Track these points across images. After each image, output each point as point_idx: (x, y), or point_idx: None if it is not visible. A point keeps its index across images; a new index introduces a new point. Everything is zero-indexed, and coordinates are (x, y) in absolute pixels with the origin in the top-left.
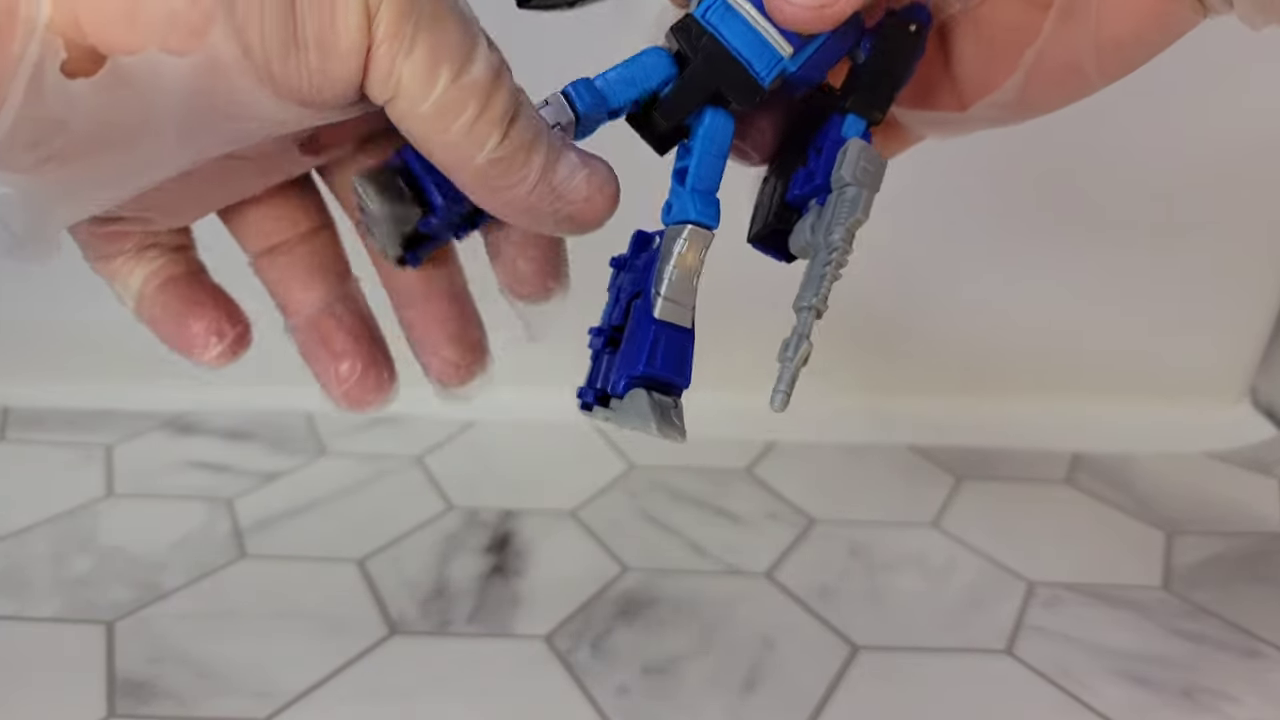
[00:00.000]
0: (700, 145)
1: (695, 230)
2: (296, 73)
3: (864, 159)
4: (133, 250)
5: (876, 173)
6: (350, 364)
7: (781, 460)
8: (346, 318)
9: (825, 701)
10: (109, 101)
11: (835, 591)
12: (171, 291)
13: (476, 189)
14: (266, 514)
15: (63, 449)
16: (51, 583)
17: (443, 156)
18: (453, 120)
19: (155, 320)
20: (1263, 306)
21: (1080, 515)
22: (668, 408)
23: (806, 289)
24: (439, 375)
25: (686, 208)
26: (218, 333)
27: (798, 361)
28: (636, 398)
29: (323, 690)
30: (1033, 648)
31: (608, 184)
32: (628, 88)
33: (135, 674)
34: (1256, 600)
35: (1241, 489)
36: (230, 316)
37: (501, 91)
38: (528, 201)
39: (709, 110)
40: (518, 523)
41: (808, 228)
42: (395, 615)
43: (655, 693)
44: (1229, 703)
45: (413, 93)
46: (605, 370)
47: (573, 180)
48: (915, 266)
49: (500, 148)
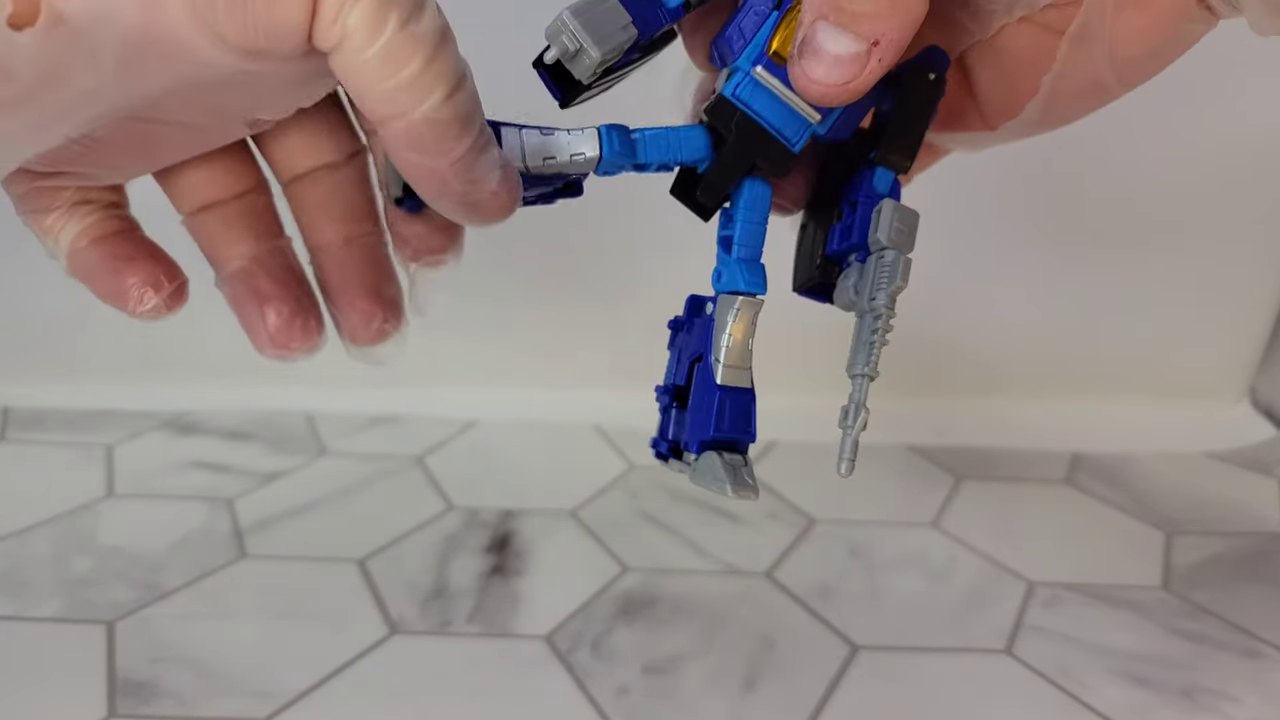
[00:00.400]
0: (743, 215)
1: (746, 300)
2: (243, 19)
3: (897, 219)
4: (65, 206)
5: (910, 231)
6: (276, 308)
7: (781, 460)
8: (275, 268)
9: (825, 701)
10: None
11: (835, 591)
12: (105, 247)
13: (403, 146)
14: (266, 514)
15: (63, 449)
16: (52, 583)
17: (380, 107)
18: (397, 69)
19: (89, 275)
20: (1263, 307)
21: (1080, 515)
22: (738, 466)
23: (857, 356)
24: (352, 330)
25: (736, 278)
26: (153, 285)
27: (858, 429)
28: (709, 460)
29: (323, 690)
30: (1032, 647)
31: (515, 187)
32: (660, 150)
33: (135, 674)
34: (1256, 600)
35: (1241, 489)
36: (167, 270)
37: (448, 51)
38: (445, 173)
39: (747, 181)
40: (518, 523)
41: (850, 288)
42: (395, 615)
43: (655, 693)
44: (1229, 703)
45: (359, 38)
46: (675, 424)
47: (491, 171)
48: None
49: (441, 108)
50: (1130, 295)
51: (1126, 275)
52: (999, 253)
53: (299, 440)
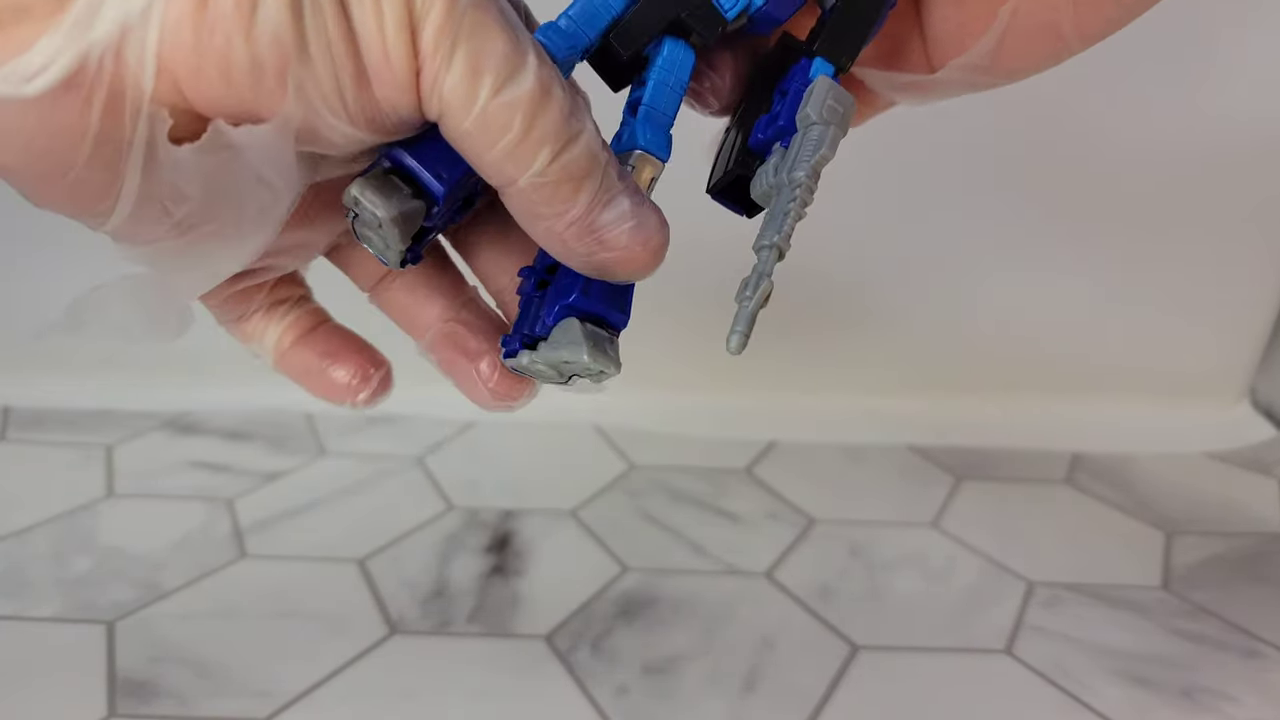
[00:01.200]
0: (656, 74)
1: (643, 158)
2: (370, 104)
3: (831, 97)
4: (263, 309)
5: (845, 112)
6: (490, 361)
7: (781, 460)
8: (473, 322)
9: (825, 701)
10: (215, 162)
11: (835, 591)
12: (308, 345)
13: (518, 211)
14: (266, 514)
15: (63, 449)
16: (52, 583)
17: (490, 175)
18: (497, 138)
19: (298, 374)
20: (1262, 307)
21: (1080, 515)
22: (603, 339)
23: (768, 227)
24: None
25: (635, 136)
26: (363, 377)
27: (757, 300)
28: (569, 326)
29: (323, 690)
30: (1032, 648)
31: (653, 238)
32: (593, 22)
33: (135, 674)
34: (1256, 600)
35: (1241, 489)
36: (372, 360)
37: (551, 110)
38: (563, 235)
39: (668, 40)
40: (518, 523)
41: (770, 169)
42: (395, 615)
43: (655, 693)
44: (1228, 703)
45: (455, 108)
46: (535, 313)
47: (617, 228)
48: (915, 267)
49: (546, 172)
50: (1130, 295)
51: (1126, 275)
52: (999, 253)
53: (299, 440)
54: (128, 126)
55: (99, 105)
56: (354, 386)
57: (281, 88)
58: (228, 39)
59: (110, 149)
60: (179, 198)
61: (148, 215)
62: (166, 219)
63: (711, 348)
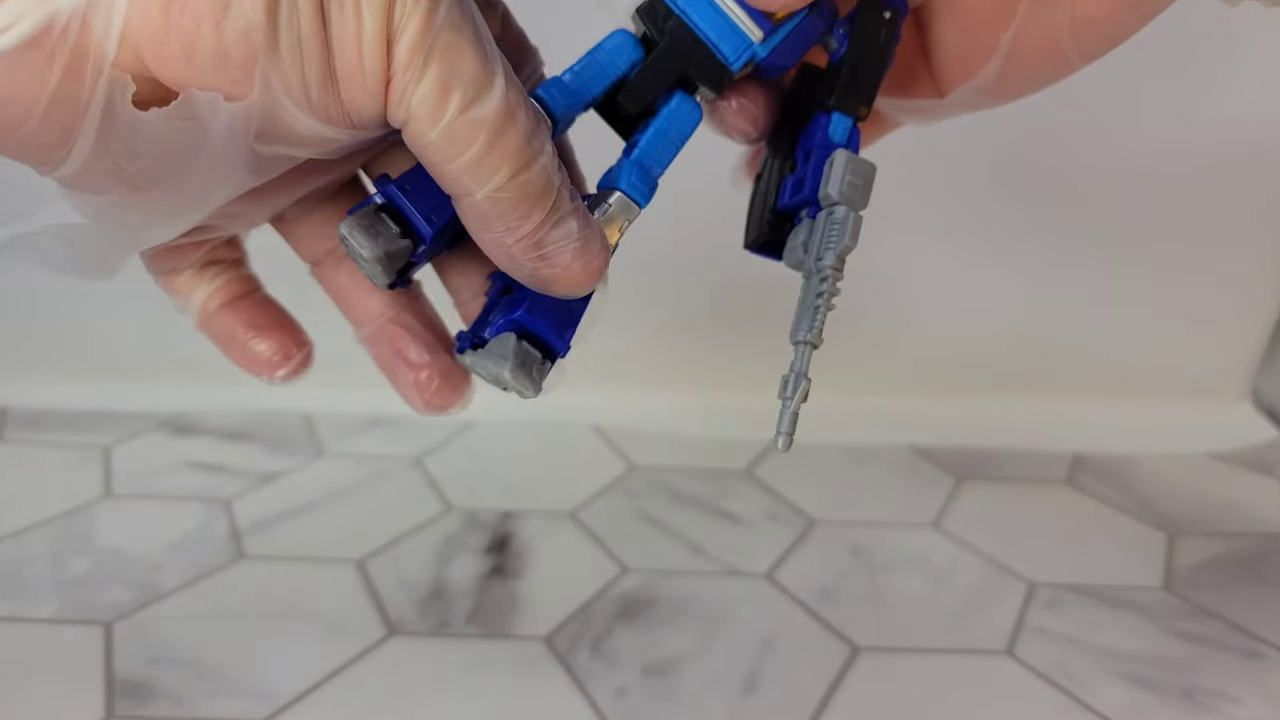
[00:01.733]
0: (657, 124)
1: (620, 199)
2: (335, 104)
3: (850, 172)
4: (195, 267)
5: (864, 186)
6: (428, 375)
7: (781, 460)
8: (415, 325)
9: (825, 702)
10: (176, 129)
11: (835, 592)
12: (235, 312)
13: (469, 220)
14: (265, 515)
15: (61, 449)
16: (49, 583)
17: (447, 184)
18: (459, 152)
19: (220, 338)
20: (1263, 307)
21: (1081, 515)
22: (531, 360)
23: (801, 321)
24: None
25: (618, 177)
26: (284, 354)
27: (797, 400)
28: (504, 341)
29: (322, 690)
30: (1033, 648)
31: (594, 260)
32: (598, 78)
33: (134, 675)
34: (1257, 601)
35: (1242, 490)
36: (294, 338)
37: (514, 132)
38: (510, 249)
39: (677, 94)
40: (517, 523)
41: (800, 246)
42: (394, 616)
43: (655, 693)
44: (1230, 704)
45: (421, 120)
46: (486, 319)
47: (563, 246)
48: (915, 267)
49: (503, 189)
50: (1130, 295)
51: (1127, 275)
52: (999, 253)
53: (297, 441)
54: (86, 88)
55: (59, 67)
56: (274, 362)
57: (246, 78)
58: (196, 24)
59: (67, 108)
60: (132, 155)
61: (99, 168)
62: (118, 173)
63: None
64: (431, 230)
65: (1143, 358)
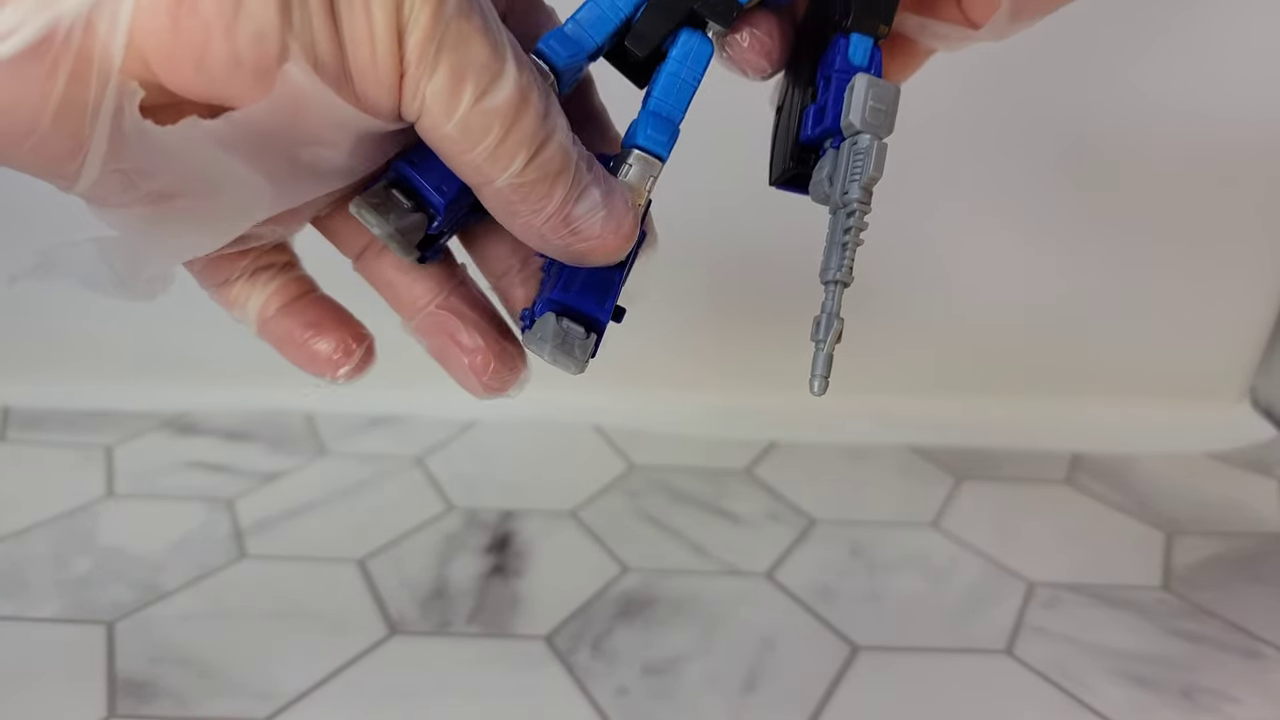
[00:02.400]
0: (669, 69)
1: (639, 158)
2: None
3: (871, 98)
4: (246, 275)
5: (888, 111)
6: (484, 356)
7: (781, 460)
8: (465, 309)
9: (825, 701)
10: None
11: (835, 591)
12: (292, 314)
13: (494, 208)
14: (266, 514)
15: (63, 449)
16: (52, 583)
17: (467, 175)
18: (476, 142)
19: (279, 342)
20: (1263, 307)
21: (1080, 515)
22: (574, 337)
23: (830, 259)
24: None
25: (636, 132)
26: (345, 351)
27: (831, 341)
28: (546, 321)
29: (323, 690)
30: (1033, 648)
31: (624, 224)
32: (601, 25)
33: (135, 674)
34: (1256, 600)
35: (1241, 489)
36: (354, 334)
37: (528, 116)
38: (540, 229)
39: (685, 32)
40: (518, 523)
41: (825, 179)
42: (395, 615)
43: (655, 693)
44: (1229, 703)
45: (436, 114)
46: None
47: (590, 218)
48: (915, 267)
49: (523, 173)
50: (1130, 295)
51: (1127, 276)
52: (998, 253)
53: (299, 440)
54: (94, 95)
55: (65, 73)
56: (335, 360)
57: (259, 84)
58: (206, 31)
59: (75, 116)
60: (145, 173)
61: (115, 183)
62: (134, 189)
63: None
64: (443, 200)
65: (1142, 358)
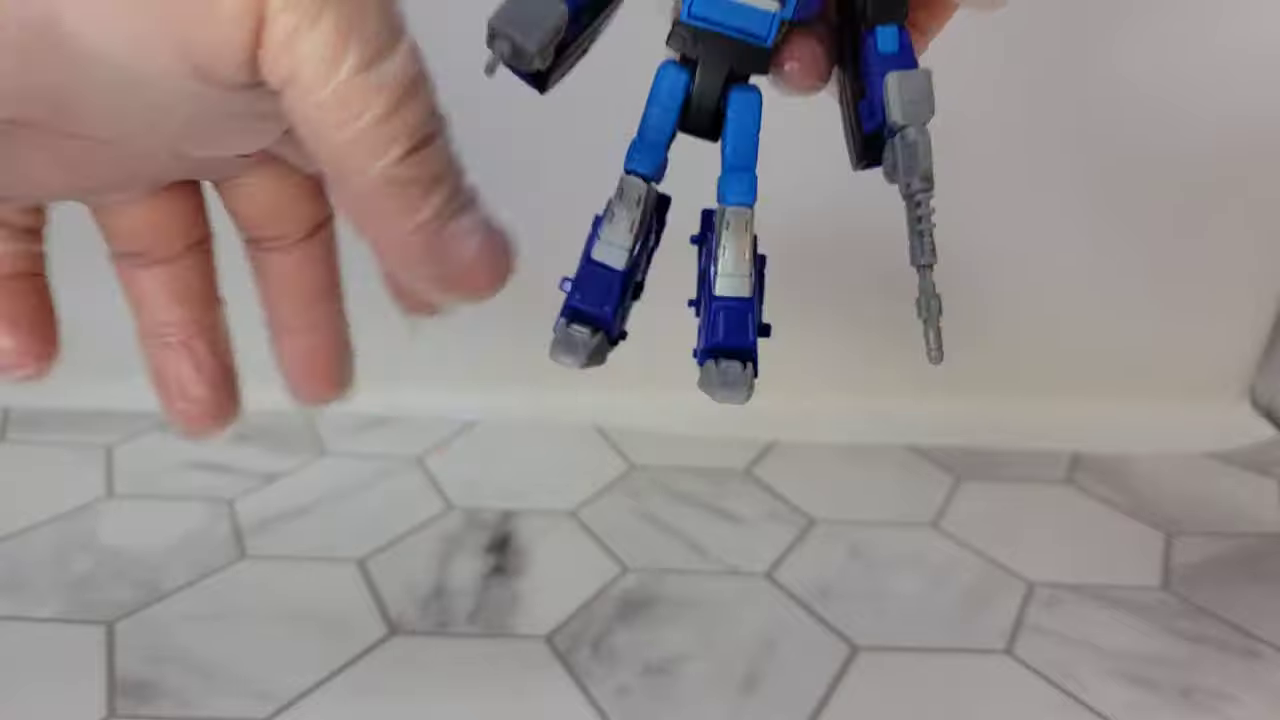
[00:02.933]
0: (730, 126)
1: (733, 212)
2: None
3: (905, 93)
4: None
5: (923, 98)
6: (195, 400)
7: (781, 460)
8: (201, 352)
9: (825, 702)
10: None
11: (835, 592)
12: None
13: (358, 207)
14: (266, 514)
15: (63, 449)
16: (51, 583)
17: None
18: (354, 116)
19: None
20: (1263, 307)
21: (1080, 515)
22: (731, 372)
23: (915, 246)
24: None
25: (722, 192)
26: (24, 358)
27: (935, 314)
28: (707, 369)
29: (323, 690)
30: (1032, 648)
31: (500, 261)
32: (668, 116)
33: (135, 674)
34: (1256, 601)
35: (1241, 489)
36: (41, 343)
37: (418, 101)
38: (406, 241)
39: (733, 91)
40: (518, 523)
41: (890, 168)
42: (395, 615)
43: (655, 693)
44: (1228, 703)
45: (311, 74)
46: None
47: (466, 240)
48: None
49: (401, 164)
50: (1129, 295)
51: (1126, 275)
52: (998, 253)
53: (299, 441)
54: None
55: None
56: (11, 364)
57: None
58: None
59: None
60: None
61: None
62: None
63: None
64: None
65: (1142, 357)
